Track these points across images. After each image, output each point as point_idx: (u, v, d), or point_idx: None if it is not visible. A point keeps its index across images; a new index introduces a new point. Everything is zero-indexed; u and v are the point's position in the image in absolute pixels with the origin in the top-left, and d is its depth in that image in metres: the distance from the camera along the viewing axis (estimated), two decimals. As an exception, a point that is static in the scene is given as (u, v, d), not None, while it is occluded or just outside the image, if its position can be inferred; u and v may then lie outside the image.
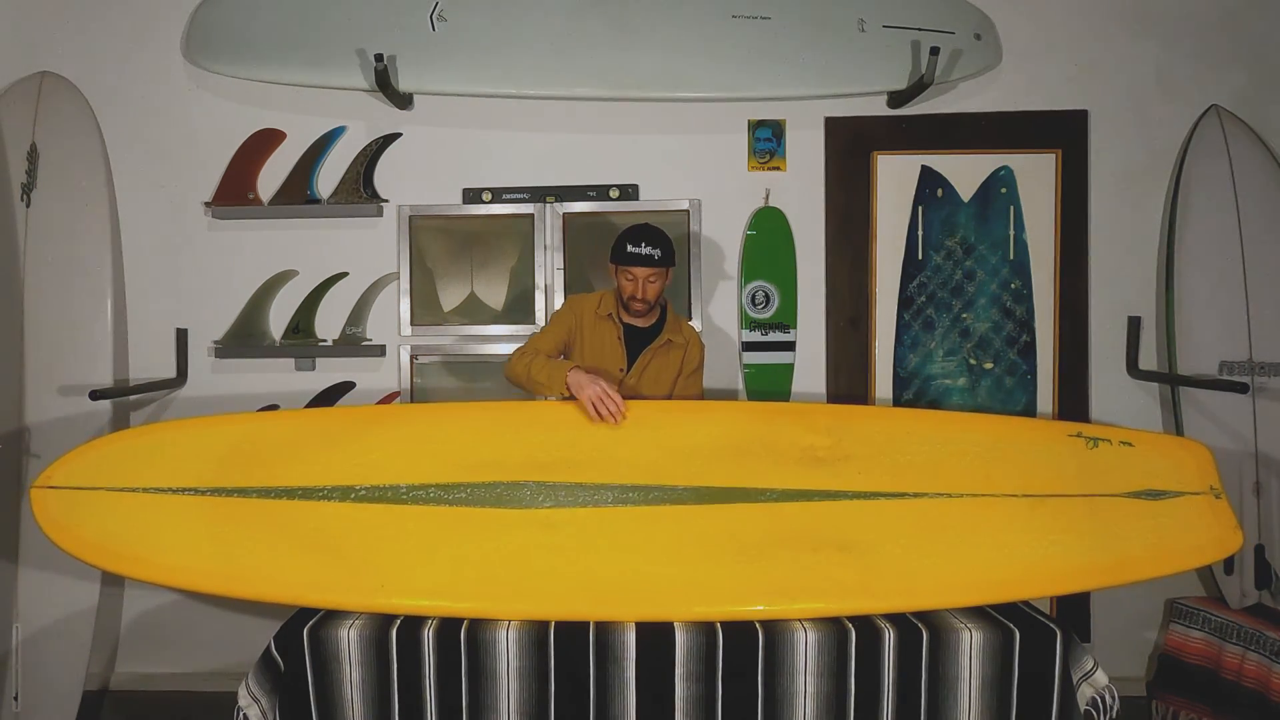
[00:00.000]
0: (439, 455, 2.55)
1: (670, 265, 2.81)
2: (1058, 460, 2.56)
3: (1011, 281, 3.41)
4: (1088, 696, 2.19)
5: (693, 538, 2.41)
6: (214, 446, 2.55)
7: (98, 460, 2.53)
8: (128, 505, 2.43)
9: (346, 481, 2.49)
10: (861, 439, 2.60)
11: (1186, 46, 3.40)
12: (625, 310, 2.84)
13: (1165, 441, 2.69)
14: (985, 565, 2.36)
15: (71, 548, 2.37)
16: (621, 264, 2.78)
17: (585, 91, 3.29)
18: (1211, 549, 2.42)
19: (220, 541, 2.37)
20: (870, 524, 2.44)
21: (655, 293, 2.80)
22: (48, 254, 3.24)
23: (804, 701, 2.16)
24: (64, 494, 2.45)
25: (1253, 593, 3.11)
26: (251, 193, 3.43)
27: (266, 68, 3.29)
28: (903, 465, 2.54)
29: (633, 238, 2.77)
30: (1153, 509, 2.47)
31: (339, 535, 2.39)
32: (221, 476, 2.49)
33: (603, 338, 2.85)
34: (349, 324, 3.44)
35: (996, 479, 2.51)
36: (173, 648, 3.51)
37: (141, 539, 2.38)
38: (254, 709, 2.18)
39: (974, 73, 3.34)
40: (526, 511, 2.46)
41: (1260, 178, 3.25)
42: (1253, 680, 2.93)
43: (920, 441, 2.59)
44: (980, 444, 2.60)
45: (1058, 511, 2.45)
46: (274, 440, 2.59)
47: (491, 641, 2.17)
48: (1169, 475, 2.52)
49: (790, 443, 2.58)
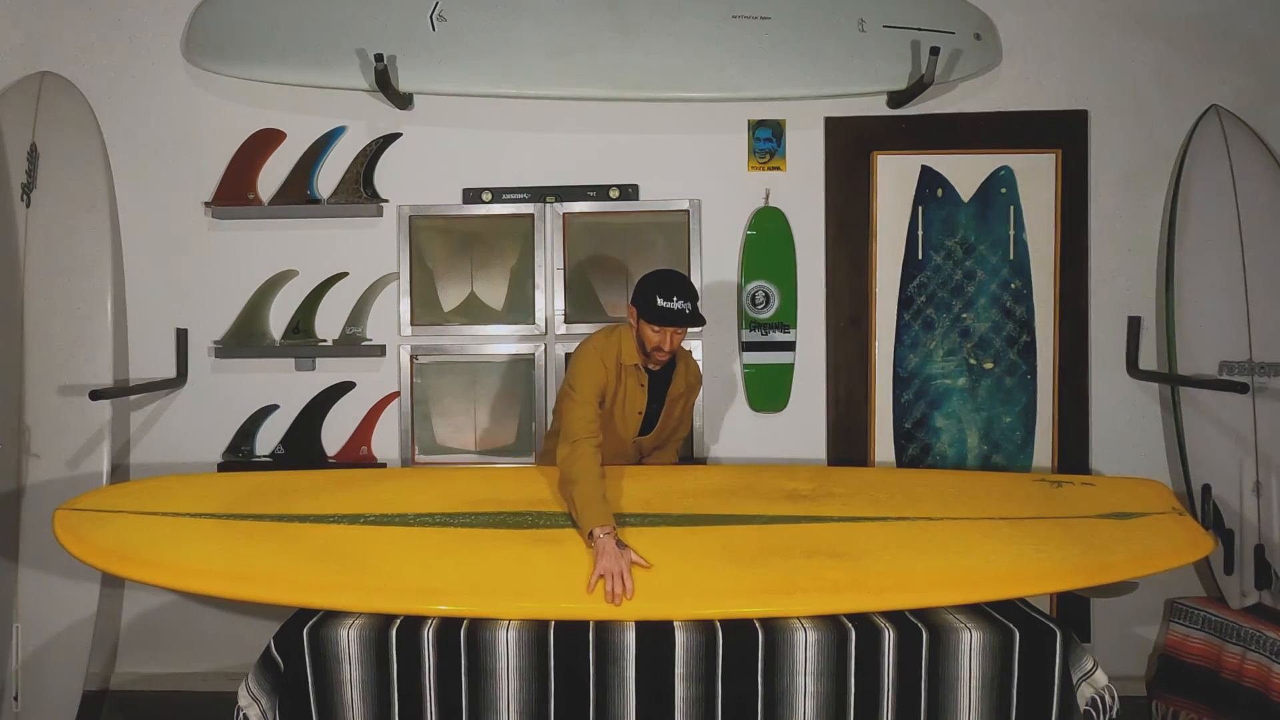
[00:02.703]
0: (446, 495, 2.70)
1: (702, 320, 2.65)
2: (1027, 497, 2.78)
3: (1011, 281, 3.41)
4: (1088, 696, 2.19)
5: (687, 550, 2.44)
6: (234, 489, 2.73)
7: (121, 493, 2.71)
8: (145, 524, 2.52)
9: (356, 511, 2.61)
10: (841, 483, 2.83)
11: (1186, 46, 3.40)
12: (646, 358, 2.71)
13: (1123, 480, 2.92)
14: (975, 566, 2.39)
15: (85, 555, 2.40)
16: (652, 321, 2.61)
17: (585, 91, 3.29)
18: (1188, 552, 2.53)
19: (230, 551, 2.42)
20: (858, 539, 2.50)
21: (680, 343, 2.69)
22: (48, 254, 3.24)
23: (804, 701, 2.16)
24: (85, 514, 2.53)
25: (1253, 593, 3.11)
26: (251, 193, 3.43)
27: (266, 68, 3.29)
28: (882, 500, 2.71)
29: (663, 290, 2.59)
30: (1125, 525, 2.60)
31: (345, 547, 2.45)
32: (236, 508, 2.60)
33: (628, 386, 2.78)
34: (349, 324, 3.44)
35: (974, 509, 2.68)
36: (173, 648, 3.51)
37: (153, 547, 2.43)
38: (254, 709, 2.18)
39: (974, 73, 3.34)
40: (529, 531, 2.53)
41: (1260, 178, 3.26)
42: (1253, 680, 2.93)
43: (896, 486, 2.83)
44: (954, 486, 2.85)
45: (1036, 529, 2.56)
46: (289, 486, 2.78)
47: (491, 641, 2.17)
48: (1132, 503, 2.72)
49: (774, 487, 2.78)
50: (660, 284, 2.62)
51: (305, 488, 2.76)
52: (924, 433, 3.42)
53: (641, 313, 2.63)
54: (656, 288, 2.60)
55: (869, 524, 2.58)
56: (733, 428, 3.48)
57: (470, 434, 3.47)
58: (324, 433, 3.47)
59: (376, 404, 3.47)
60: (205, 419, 3.48)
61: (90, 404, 3.13)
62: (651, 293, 2.60)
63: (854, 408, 3.43)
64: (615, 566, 2.27)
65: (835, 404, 3.45)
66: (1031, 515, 2.64)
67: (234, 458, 3.44)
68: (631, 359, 2.71)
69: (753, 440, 3.46)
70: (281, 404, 3.48)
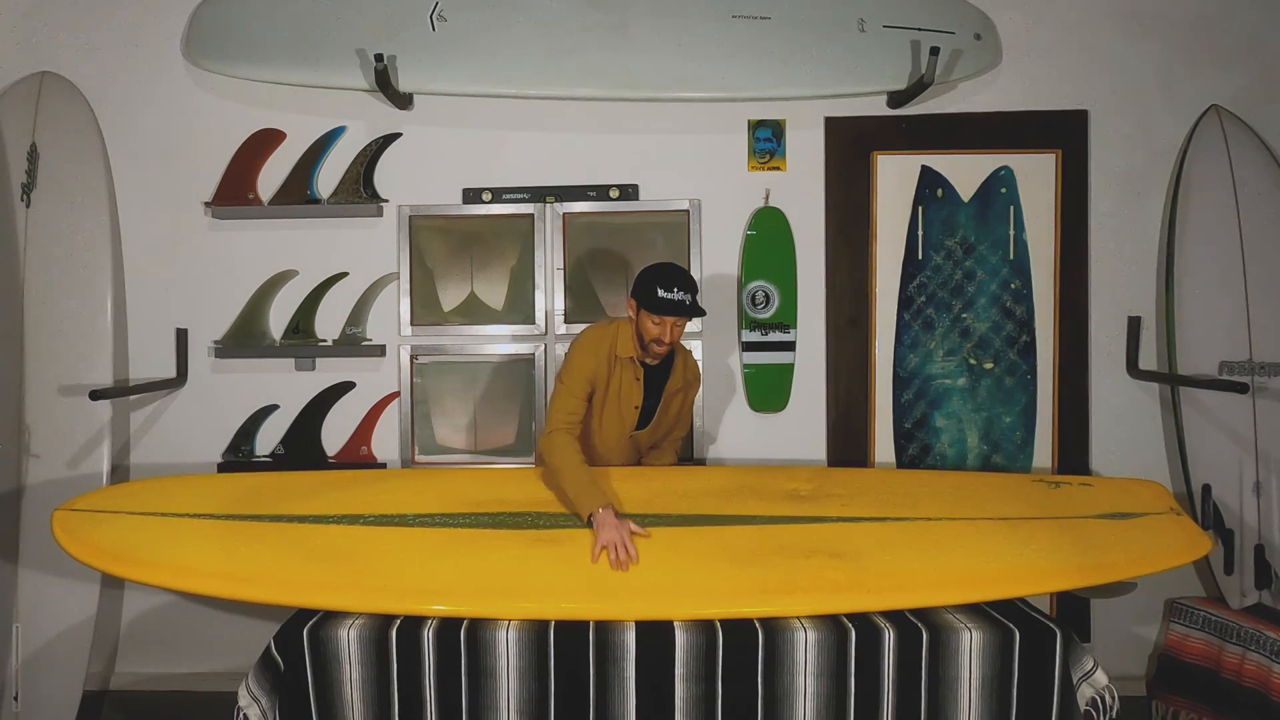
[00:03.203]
0: (445, 496, 2.72)
1: (702, 311, 2.66)
2: (1025, 497, 2.79)
3: (1011, 281, 3.41)
4: (1088, 696, 2.19)
5: (687, 550, 2.45)
6: (233, 489, 2.74)
7: (120, 494, 2.73)
8: (143, 524, 2.53)
9: (355, 511, 2.62)
10: (841, 484, 2.85)
11: (1186, 46, 3.40)
12: (644, 351, 2.70)
13: (1121, 481, 2.93)
14: (974, 566, 2.39)
15: (83, 555, 2.40)
16: (653, 311, 2.61)
17: (585, 91, 3.29)
18: (1186, 552, 2.55)
19: (229, 552, 2.42)
20: (858, 539, 2.52)
21: (680, 335, 2.69)
22: (48, 254, 3.24)
23: (804, 701, 2.16)
24: (84, 515, 2.54)
25: (1253, 593, 3.11)
26: (251, 193, 3.43)
27: (266, 68, 3.29)
28: (882, 500, 2.73)
29: (663, 281, 2.60)
30: (1122, 526, 2.61)
31: (344, 547, 2.46)
32: (236, 508, 2.62)
33: (622, 379, 2.78)
34: (349, 324, 3.44)
35: (972, 509, 2.69)
36: (173, 648, 3.51)
37: (151, 547, 2.43)
38: (254, 709, 2.18)
39: (974, 73, 3.34)
40: (529, 531, 2.54)
41: (1260, 178, 3.25)
42: (1253, 680, 2.93)
43: (895, 486, 2.85)
44: (952, 487, 2.87)
45: (1035, 529, 2.57)
46: (289, 486, 2.80)
47: (491, 641, 2.17)
48: (1130, 503, 2.74)
49: (774, 488, 2.80)
50: (660, 275, 2.63)
51: (304, 489, 2.77)
52: (924, 433, 3.42)
53: (642, 303, 2.63)
54: (657, 279, 2.61)
55: (868, 524, 2.60)
56: (733, 428, 3.47)
57: (470, 434, 3.47)
58: (324, 433, 3.46)
59: (376, 404, 3.47)
60: (205, 419, 3.47)
61: (90, 404, 3.13)
62: (652, 283, 2.61)
63: (854, 408, 3.43)
64: (616, 536, 2.38)
65: (835, 404, 3.45)
66: (1030, 515, 2.65)
67: (234, 458, 3.44)
68: (627, 352, 2.72)
69: (753, 440, 3.46)
70: (281, 404, 3.47)
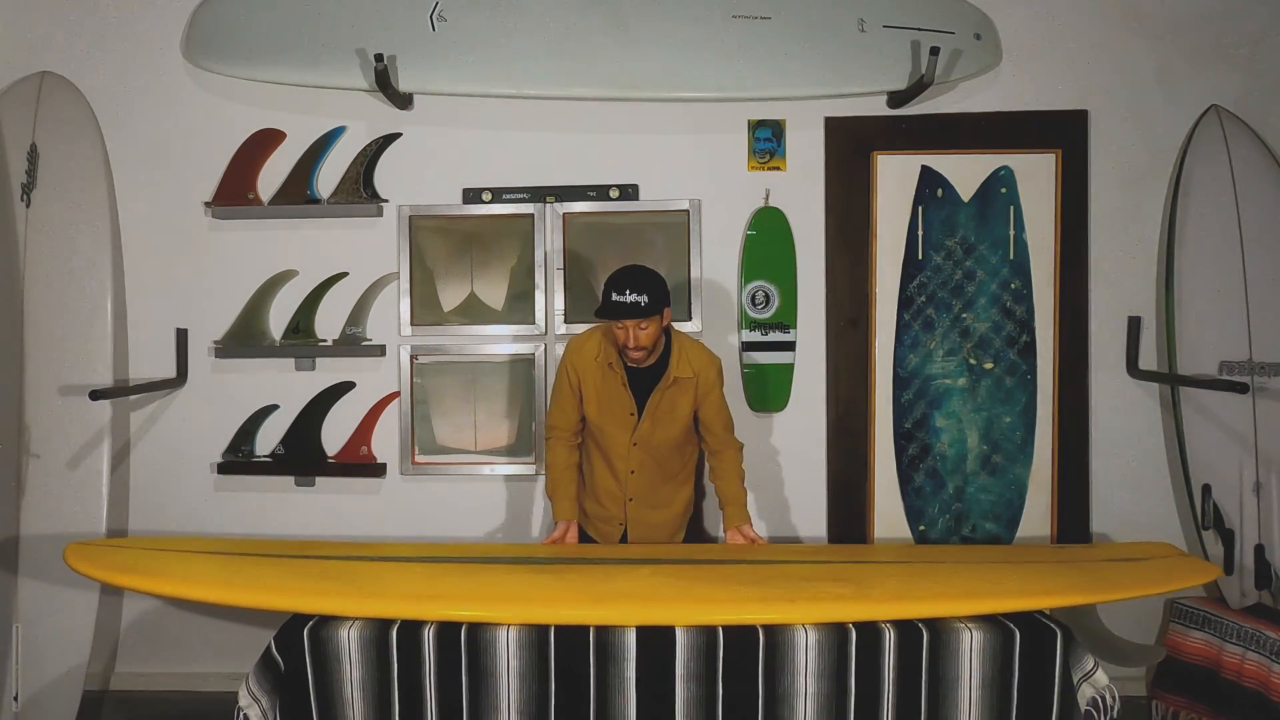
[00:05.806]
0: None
1: (659, 310, 2.62)
2: (1027, 553, 2.95)
3: (1011, 281, 3.41)
4: (1088, 696, 2.19)
5: (691, 578, 2.46)
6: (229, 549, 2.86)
7: (131, 542, 2.99)
8: (153, 551, 2.70)
9: (360, 555, 2.73)
10: (834, 556, 2.98)
11: (1186, 46, 3.40)
12: (624, 356, 2.71)
13: (1125, 545, 3.07)
14: (978, 586, 2.42)
15: (90, 571, 2.45)
16: (605, 317, 2.61)
17: (585, 91, 3.29)
18: (1196, 577, 2.62)
19: (233, 571, 2.50)
20: (861, 572, 2.59)
21: (650, 338, 2.65)
22: (48, 254, 3.23)
23: (804, 702, 2.16)
24: (96, 547, 2.65)
25: (1253, 593, 3.11)
26: (251, 193, 3.43)
27: (266, 68, 3.29)
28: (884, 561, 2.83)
29: (616, 285, 2.59)
30: (1130, 565, 2.67)
31: (347, 571, 2.52)
32: (244, 550, 2.78)
33: (608, 385, 2.78)
34: (349, 324, 3.44)
35: (978, 557, 2.86)
36: (173, 648, 3.51)
37: (158, 562, 2.54)
38: (254, 709, 2.18)
39: (974, 73, 3.34)
40: (531, 565, 2.61)
41: (1260, 178, 3.25)
42: (1252, 680, 2.93)
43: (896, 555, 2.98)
44: (954, 554, 2.98)
45: (1043, 566, 2.65)
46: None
47: (491, 641, 2.17)
48: (1134, 551, 2.86)
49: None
50: (612, 279, 2.65)
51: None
52: (924, 432, 3.42)
53: (598, 310, 2.68)
54: (611, 284, 2.64)
55: (869, 565, 2.70)
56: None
57: (470, 434, 3.47)
58: (324, 433, 3.46)
59: (376, 404, 3.47)
60: (205, 419, 3.47)
61: (90, 404, 3.13)
62: (607, 289, 2.64)
63: (854, 408, 3.43)
64: (562, 539, 2.83)
65: (835, 404, 3.45)
66: (1035, 560, 2.74)
67: (234, 458, 3.44)
68: (607, 356, 2.75)
69: (753, 441, 3.45)
70: (281, 404, 3.47)
